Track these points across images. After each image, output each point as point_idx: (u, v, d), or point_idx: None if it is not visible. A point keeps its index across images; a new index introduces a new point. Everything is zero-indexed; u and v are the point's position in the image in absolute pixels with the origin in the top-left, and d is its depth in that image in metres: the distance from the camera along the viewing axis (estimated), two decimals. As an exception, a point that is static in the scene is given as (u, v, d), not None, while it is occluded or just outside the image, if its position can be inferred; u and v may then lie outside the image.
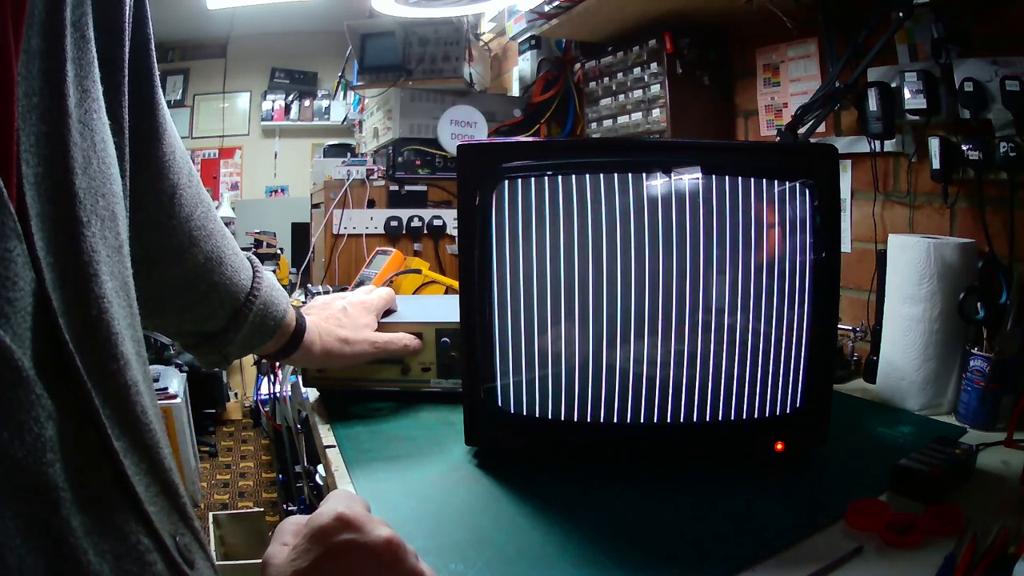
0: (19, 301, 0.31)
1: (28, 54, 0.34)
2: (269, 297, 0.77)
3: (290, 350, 0.82)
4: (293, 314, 0.81)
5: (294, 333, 0.81)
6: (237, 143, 5.26)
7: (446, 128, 1.94)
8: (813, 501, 0.68)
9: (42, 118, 0.34)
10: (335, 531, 0.41)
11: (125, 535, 0.35)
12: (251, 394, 3.79)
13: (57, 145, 0.35)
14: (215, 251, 0.70)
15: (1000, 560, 0.54)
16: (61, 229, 0.34)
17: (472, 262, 0.73)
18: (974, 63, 0.93)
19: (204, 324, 0.73)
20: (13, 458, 0.29)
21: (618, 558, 0.58)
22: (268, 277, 0.79)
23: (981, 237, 0.95)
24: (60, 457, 0.31)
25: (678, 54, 1.38)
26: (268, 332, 0.77)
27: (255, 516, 2.42)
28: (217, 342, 0.74)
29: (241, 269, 0.74)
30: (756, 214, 0.70)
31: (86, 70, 0.38)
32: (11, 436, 0.29)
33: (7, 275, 0.30)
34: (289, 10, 4.01)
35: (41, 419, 0.30)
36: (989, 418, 0.86)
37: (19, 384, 0.29)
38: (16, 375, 0.29)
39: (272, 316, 0.77)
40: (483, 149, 0.74)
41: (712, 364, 0.71)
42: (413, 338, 0.93)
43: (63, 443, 0.32)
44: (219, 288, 0.71)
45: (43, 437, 0.30)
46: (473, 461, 0.78)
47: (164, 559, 0.37)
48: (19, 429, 0.29)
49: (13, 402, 0.29)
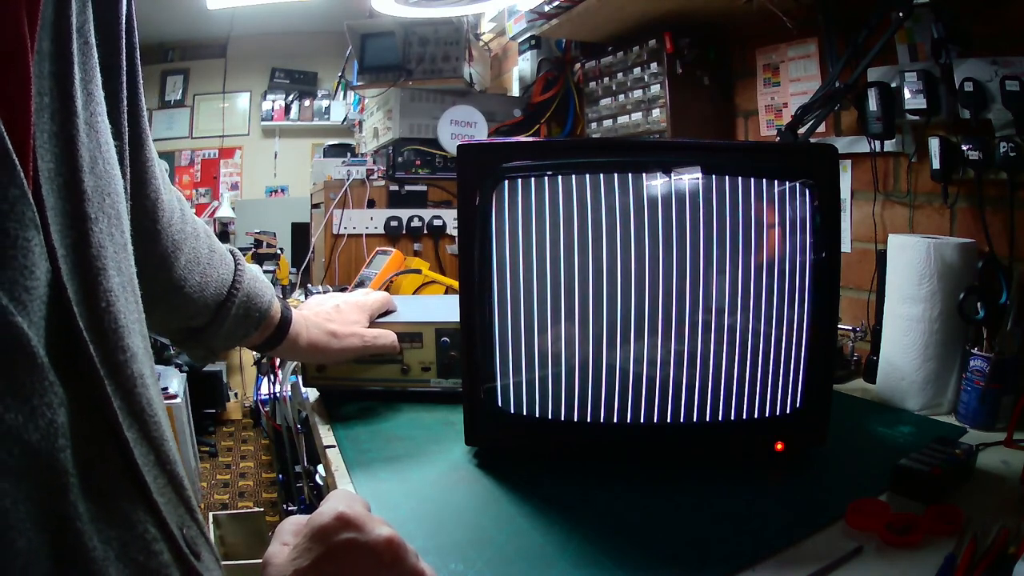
0: (36, 290, 0.31)
1: (40, 55, 0.34)
2: (252, 289, 0.78)
3: (276, 342, 0.82)
4: (278, 305, 0.82)
5: (279, 325, 0.82)
6: (237, 143, 5.25)
7: (446, 128, 1.94)
8: (813, 501, 0.68)
9: (52, 117, 0.35)
10: (336, 530, 0.41)
11: (132, 524, 0.36)
12: (251, 394, 3.79)
13: (67, 144, 0.36)
14: (192, 252, 0.71)
15: (1000, 560, 0.54)
16: (72, 224, 0.35)
17: (472, 262, 0.73)
18: (974, 63, 0.93)
19: (190, 321, 0.74)
20: (27, 442, 0.29)
21: (618, 558, 0.58)
22: (251, 269, 0.80)
23: (981, 237, 0.95)
24: (71, 444, 0.32)
25: (678, 54, 1.38)
26: (252, 324, 0.78)
27: (255, 516, 2.42)
28: (202, 336, 0.75)
29: (221, 264, 0.75)
30: (756, 214, 0.70)
31: (90, 74, 0.39)
32: (25, 420, 0.29)
33: (25, 264, 0.30)
34: (289, 10, 4.01)
35: (54, 405, 0.31)
36: (989, 418, 0.86)
37: (33, 370, 0.30)
38: (31, 361, 0.30)
39: (256, 308, 0.78)
40: (483, 149, 0.74)
41: (712, 364, 0.71)
42: (397, 343, 0.93)
43: (74, 431, 0.32)
44: (200, 287, 0.72)
45: (55, 423, 0.31)
46: (473, 461, 0.78)
47: (171, 549, 0.38)
48: (32, 414, 0.30)
49: (27, 387, 0.29)
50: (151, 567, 0.36)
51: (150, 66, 5.06)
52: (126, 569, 0.34)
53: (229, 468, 3.34)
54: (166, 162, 5.13)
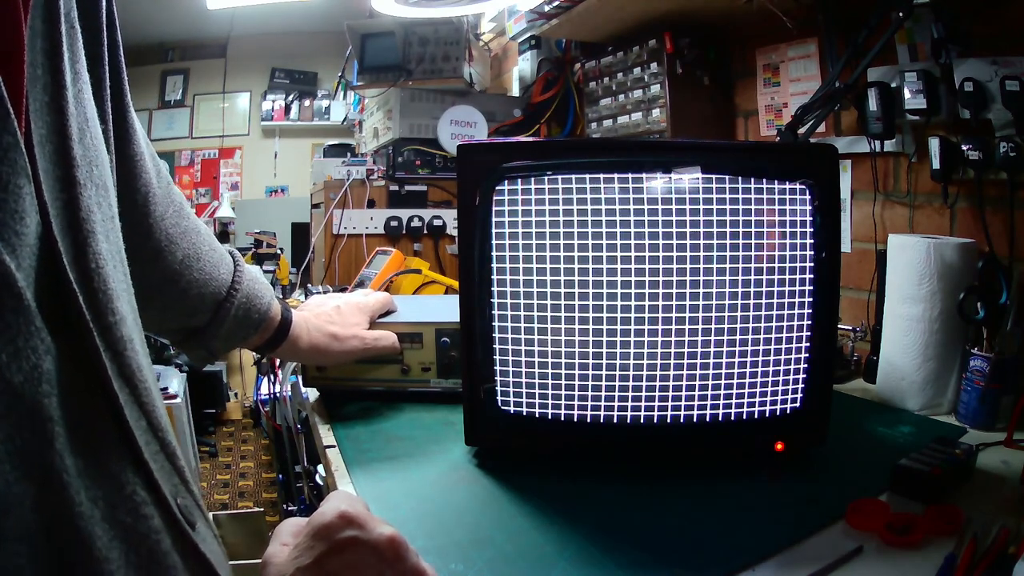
0: (26, 236, 0.31)
1: (32, 31, 0.35)
2: (251, 290, 0.78)
3: (276, 343, 0.82)
4: (278, 307, 0.82)
5: (279, 326, 0.82)
6: (237, 143, 5.25)
7: (446, 128, 1.94)
8: (813, 501, 0.68)
9: (44, 89, 0.36)
10: (338, 528, 0.41)
11: (121, 484, 0.35)
12: (251, 394, 3.79)
13: (57, 114, 0.37)
14: (192, 248, 0.71)
15: (1000, 560, 0.54)
16: (63, 187, 0.36)
17: (472, 262, 0.73)
18: (974, 63, 0.93)
19: (187, 321, 0.74)
20: (9, 382, 0.29)
21: (618, 558, 0.58)
22: (250, 270, 0.80)
23: (981, 237, 0.95)
24: (57, 393, 0.31)
25: (678, 54, 1.38)
26: (252, 325, 0.78)
27: (255, 516, 2.42)
28: (202, 337, 0.75)
29: (221, 264, 0.75)
30: (756, 214, 0.70)
31: (76, 56, 0.41)
32: (9, 359, 0.29)
33: (16, 208, 0.31)
34: (289, 10, 4.01)
35: (40, 351, 0.31)
36: (989, 418, 0.86)
37: (19, 310, 0.30)
38: (17, 302, 0.30)
39: (256, 309, 0.78)
40: (483, 149, 0.74)
41: (712, 364, 0.71)
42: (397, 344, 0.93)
43: (61, 381, 0.32)
44: (199, 284, 0.72)
45: (40, 368, 0.31)
46: (473, 461, 0.78)
47: (163, 515, 0.37)
48: (16, 355, 0.29)
49: (12, 327, 0.29)
50: (140, 530, 0.35)
51: (150, 66, 5.06)
52: (112, 530, 0.33)
53: (229, 468, 3.34)
54: (166, 162, 5.13)
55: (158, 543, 0.36)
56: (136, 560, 0.34)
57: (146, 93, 5.05)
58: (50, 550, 0.30)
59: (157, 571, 0.36)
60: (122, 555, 0.33)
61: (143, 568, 0.34)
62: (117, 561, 0.33)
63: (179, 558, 0.37)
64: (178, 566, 0.37)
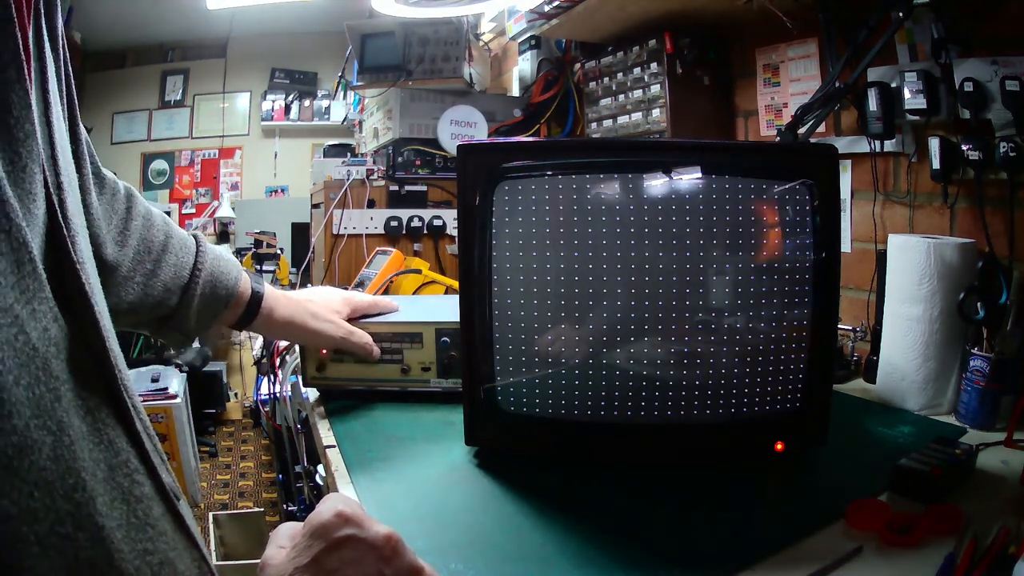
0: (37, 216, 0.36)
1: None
2: (215, 268, 0.79)
3: (250, 317, 0.83)
4: (247, 281, 0.83)
5: (252, 300, 0.82)
6: (237, 143, 5.25)
7: (446, 128, 1.94)
8: (813, 501, 0.68)
9: (37, 102, 0.39)
10: (335, 526, 0.41)
11: (117, 451, 0.38)
12: (251, 394, 3.79)
13: (47, 126, 0.40)
14: (142, 243, 0.71)
15: (1000, 560, 0.54)
16: (52, 168, 0.40)
17: (472, 262, 0.73)
18: (974, 63, 0.93)
19: (156, 311, 0.74)
20: (28, 335, 0.33)
21: (618, 558, 0.58)
22: (214, 249, 0.80)
23: (981, 237, 0.95)
24: (64, 357, 0.35)
25: (678, 54, 1.38)
26: (221, 301, 0.79)
27: (255, 516, 2.42)
28: (173, 322, 0.76)
29: (180, 249, 0.76)
30: (756, 214, 0.70)
31: (48, 56, 0.44)
32: (28, 316, 0.33)
33: (31, 190, 0.35)
34: (289, 10, 4.01)
35: (48, 317, 0.34)
36: (989, 418, 0.86)
37: (35, 276, 0.34)
38: (33, 267, 0.33)
39: (223, 286, 0.79)
40: (483, 149, 0.74)
41: (712, 364, 0.71)
42: (374, 346, 0.94)
43: (68, 348, 0.36)
44: (158, 275, 0.73)
45: (49, 331, 0.34)
46: (473, 461, 0.78)
47: (153, 484, 0.40)
48: (34, 314, 0.33)
49: (30, 288, 0.33)
50: (135, 494, 0.38)
51: (150, 66, 5.07)
52: (112, 491, 0.36)
53: (229, 468, 3.34)
54: (166, 162, 5.14)
55: (150, 509, 0.40)
56: (135, 521, 0.38)
57: (146, 93, 5.05)
58: (63, 501, 0.33)
59: (152, 534, 0.39)
60: (123, 515, 0.37)
61: (140, 529, 0.38)
62: (119, 520, 0.36)
63: (168, 525, 0.41)
64: (168, 532, 0.41)
